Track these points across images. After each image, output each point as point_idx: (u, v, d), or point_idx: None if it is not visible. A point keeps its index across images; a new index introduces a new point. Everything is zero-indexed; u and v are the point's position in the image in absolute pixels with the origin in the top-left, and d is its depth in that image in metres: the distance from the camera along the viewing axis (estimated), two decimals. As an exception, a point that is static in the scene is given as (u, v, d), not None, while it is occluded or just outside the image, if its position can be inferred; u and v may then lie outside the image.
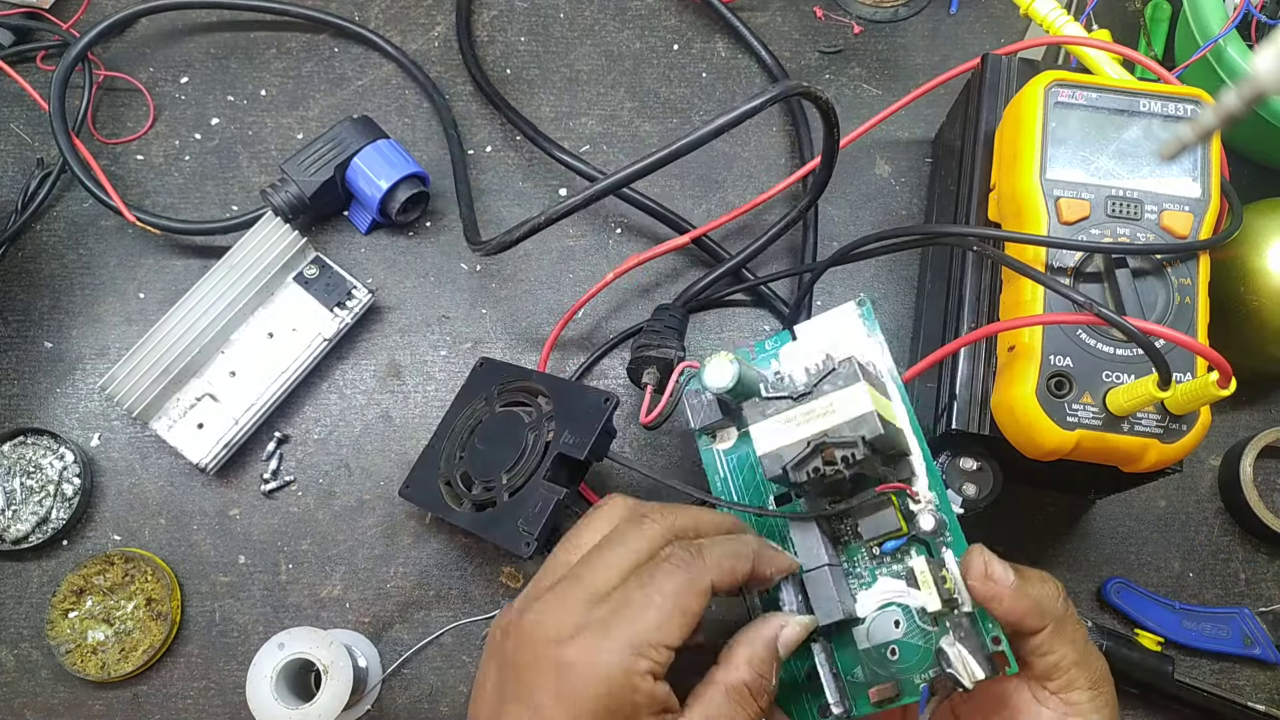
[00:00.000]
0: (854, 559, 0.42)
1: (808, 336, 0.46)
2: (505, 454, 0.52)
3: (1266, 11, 0.55)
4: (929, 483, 0.41)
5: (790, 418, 0.40)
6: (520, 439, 0.52)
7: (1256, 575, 0.58)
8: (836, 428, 0.39)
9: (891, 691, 0.41)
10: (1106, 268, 0.45)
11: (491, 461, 0.53)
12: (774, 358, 0.46)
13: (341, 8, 0.65)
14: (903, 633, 0.41)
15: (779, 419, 0.40)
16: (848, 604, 0.41)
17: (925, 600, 0.40)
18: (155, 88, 0.64)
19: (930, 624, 0.40)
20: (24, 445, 0.57)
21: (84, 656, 0.55)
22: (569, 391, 0.53)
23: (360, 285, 0.59)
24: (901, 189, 0.63)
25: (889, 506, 0.41)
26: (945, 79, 0.55)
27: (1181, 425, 0.44)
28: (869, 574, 0.42)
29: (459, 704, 0.56)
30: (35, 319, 0.60)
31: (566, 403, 0.52)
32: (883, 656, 0.41)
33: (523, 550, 0.49)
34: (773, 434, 0.40)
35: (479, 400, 0.56)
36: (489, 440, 0.54)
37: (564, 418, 0.51)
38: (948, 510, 0.41)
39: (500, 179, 0.63)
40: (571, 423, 0.51)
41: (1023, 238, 0.46)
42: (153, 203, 0.62)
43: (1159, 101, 0.48)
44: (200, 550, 0.57)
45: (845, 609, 0.40)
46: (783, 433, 0.40)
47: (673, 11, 0.66)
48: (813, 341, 0.46)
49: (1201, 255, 0.46)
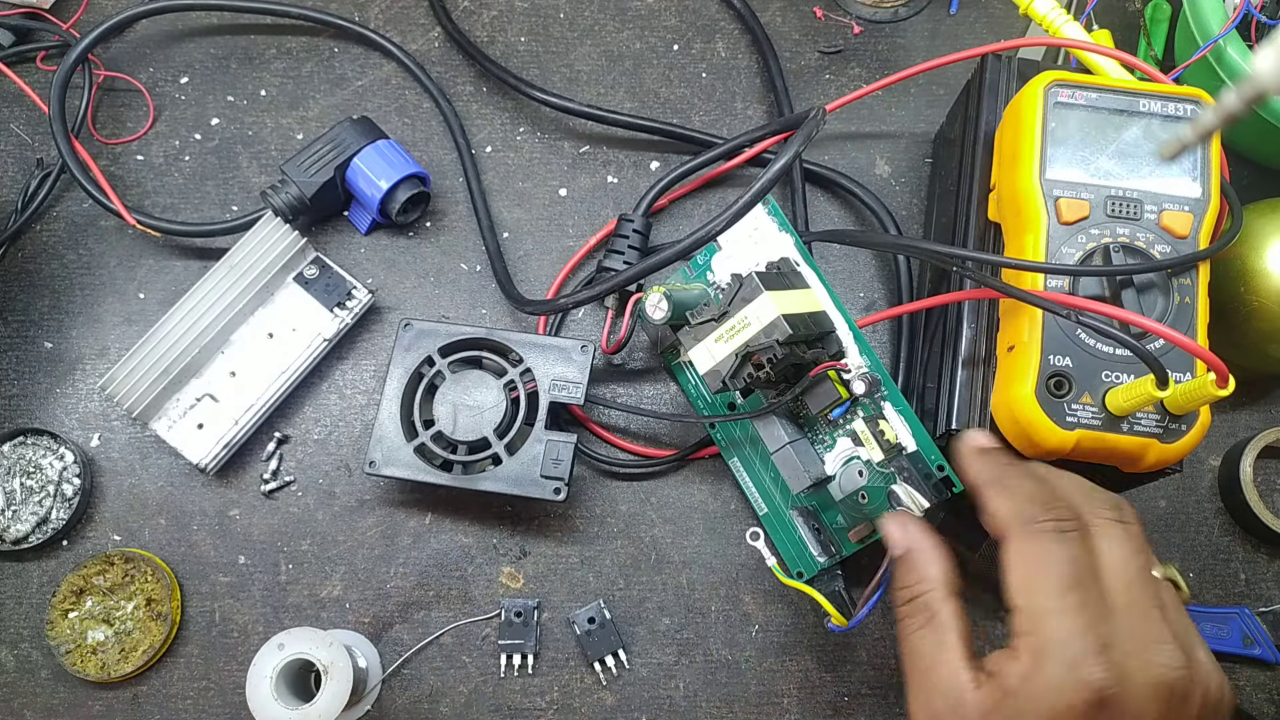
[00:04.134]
0: (815, 429, 0.51)
1: (730, 242, 0.53)
2: (485, 413, 0.54)
3: (1266, 12, 0.55)
4: (858, 349, 0.49)
5: (718, 336, 0.47)
6: (496, 397, 0.54)
7: (1256, 575, 0.58)
8: (754, 338, 0.46)
9: (867, 530, 0.51)
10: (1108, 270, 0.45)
11: (470, 422, 0.54)
12: (708, 269, 0.54)
13: (341, 8, 0.65)
14: (867, 479, 0.48)
15: (709, 340, 0.47)
16: (814, 469, 0.50)
17: (870, 454, 0.49)
18: (155, 88, 0.64)
19: (886, 468, 0.48)
20: (24, 445, 0.58)
21: (84, 657, 0.55)
22: (541, 345, 0.55)
23: (360, 285, 0.59)
24: (901, 189, 0.63)
25: (827, 380, 0.48)
26: (936, 64, 0.55)
27: (1181, 425, 0.44)
28: (830, 438, 0.51)
29: (459, 704, 0.56)
30: (35, 319, 0.60)
31: (543, 355, 0.55)
32: (855, 502, 0.49)
33: (554, 495, 0.53)
34: (706, 354, 0.47)
35: (422, 365, 0.56)
36: (456, 403, 0.54)
37: (546, 369, 0.55)
38: (878, 368, 0.49)
39: (500, 179, 0.63)
40: (557, 373, 0.55)
41: (1018, 264, 0.46)
42: (153, 203, 0.62)
43: (1159, 102, 0.48)
44: (200, 550, 0.57)
45: (812, 474, 0.49)
46: (714, 350, 0.47)
47: (673, 11, 0.66)
48: (736, 244, 0.53)
49: (1201, 256, 0.46)
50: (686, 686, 0.56)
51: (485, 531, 0.58)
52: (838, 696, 0.56)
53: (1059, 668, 0.33)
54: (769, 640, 0.57)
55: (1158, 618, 0.35)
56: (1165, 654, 0.34)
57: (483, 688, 0.56)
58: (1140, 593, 0.35)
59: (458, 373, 0.55)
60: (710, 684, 0.56)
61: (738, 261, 0.52)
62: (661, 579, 0.57)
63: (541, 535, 0.58)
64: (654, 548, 0.58)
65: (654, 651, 0.56)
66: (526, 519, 0.58)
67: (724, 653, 0.56)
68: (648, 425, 0.59)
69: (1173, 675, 0.34)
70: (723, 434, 0.56)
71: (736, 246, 0.53)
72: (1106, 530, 0.36)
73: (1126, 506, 0.38)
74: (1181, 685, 0.34)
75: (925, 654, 0.37)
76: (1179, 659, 0.34)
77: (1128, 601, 0.35)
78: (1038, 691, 0.34)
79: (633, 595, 0.57)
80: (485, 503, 0.58)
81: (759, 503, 0.55)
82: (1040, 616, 0.34)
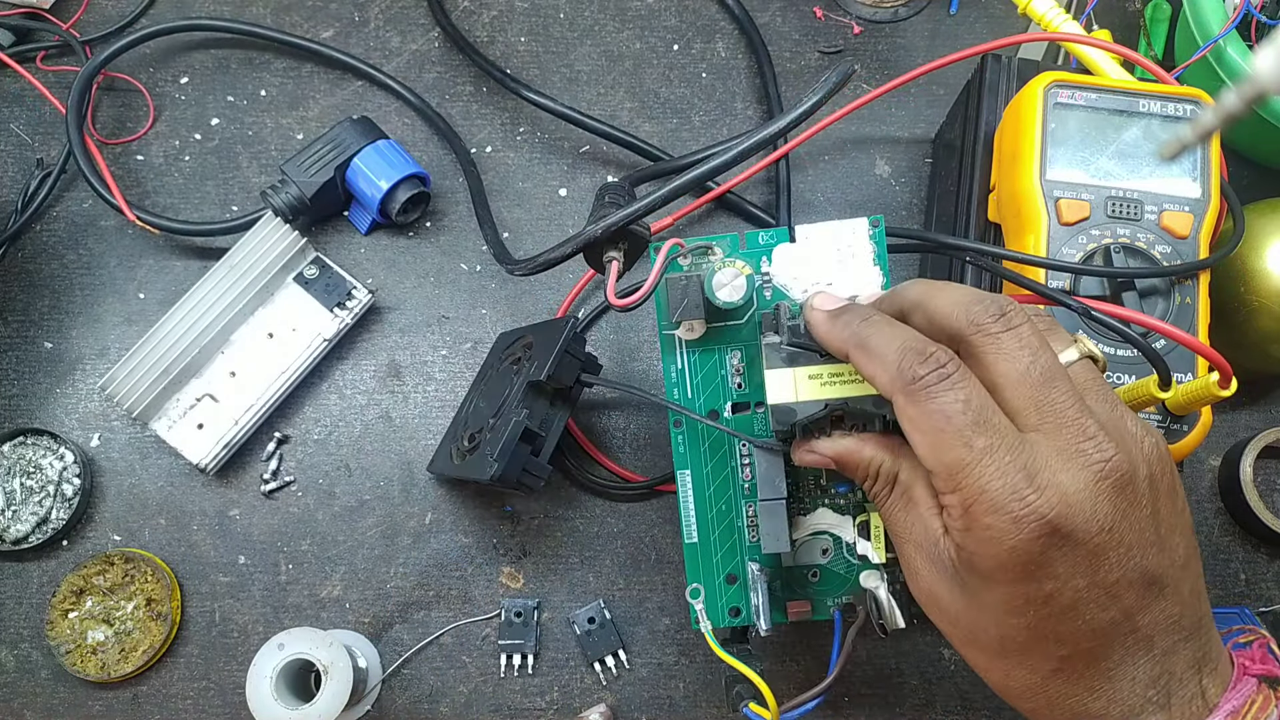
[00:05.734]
0: (800, 485, 0.44)
1: (807, 242, 0.43)
2: (495, 402, 0.53)
3: (1266, 12, 0.55)
4: None
5: (816, 374, 0.38)
6: (507, 385, 0.52)
7: (1256, 575, 0.58)
8: (859, 400, 0.37)
9: (807, 610, 0.45)
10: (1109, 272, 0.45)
11: (484, 412, 0.53)
12: (765, 255, 0.44)
13: (341, 8, 0.65)
14: (828, 560, 0.44)
15: (801, 373, 0.38)
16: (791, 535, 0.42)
17: (871, 553, 0.42)
18: (155, 88, 0.64)
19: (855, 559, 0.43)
20: (24, 445, 0.57)
21: (84, 657, 0.55)
22: (545, 328, 0.53)
23: (360, 285, 0.59)
24: (901, 189, 0.63)
25: None
26: (936, 66, 0.55)
27: (1182, 425, 0.44)
28: (811, 502, 0.44)
29: (459, 704, 0.56)
30: (35, 319, 0.60)
31: (543, 339, 0.52)
32: (804, 578, 0.45)
33: (484, 473, 0.47)
34: (791, 387, 0.38)
35: (489, 369, 0.57)
36: (488, 397, 0.54)
37: (540, 351, 0.51)
38: None
39: (501, 179, 0.63)
40: (542, 353, 0.51)
41: (1026, 258, 0.46)
42: (153, 203, 0.62)
43: (1159, 102, 0.48)
44: (200, 550, 0.57)
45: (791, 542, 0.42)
46: (803, 388, 0.38)
47: (673, 11, 0.66)
48: (811, 248, 0.43)
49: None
50: (686, 687, 0.56)
51: (485, 531, 0.58)
52: (838, 696, 0.56)
53: (991, 516, 0.32)
54: (769, 641, 0.56)
55: (1075, 414, 0.32)
56: (1095, 449, 0.32)
57: (483, 688, 0.56)
58: (1050, 396, 0.33)
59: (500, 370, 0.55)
60: (710, 684, 0.56)
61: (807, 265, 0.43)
62: (661, 579, 0.57)
63: (541, 535, 0.58)
64: (654, 548, 0.58)
65: (654, 651, 0.56)
66: (526, 519, 0.58)
67: (724, 653, 0.56)
68: (647, 427, 0.59)
69: (1110, 467, 0.32)
70: (686, 440, 0.45)
71: (814, 247, 0.43)
72: (994, 346, 0.33)
73: (1012, 308, 0.34)
74: (1121, 471, 0.32)
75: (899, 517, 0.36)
76: (1109, 449, 0.32)
77: (1039, 413, 0.33)
78: (982, 545, 0.32)
79: (633, 595, 0.57)
80: (485, 503, 0.58)
81: (691, 529, 0.45)
82: (953, 473, 0.32)
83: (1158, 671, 0.33)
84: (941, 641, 0.57)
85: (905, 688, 0.56)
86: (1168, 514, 0.33)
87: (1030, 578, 0.32)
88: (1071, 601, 0.32)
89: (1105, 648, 0.33)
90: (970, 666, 0.36)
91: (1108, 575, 0.32)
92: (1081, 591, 0.32)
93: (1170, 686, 0.33)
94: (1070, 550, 0.31)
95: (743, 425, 0.44)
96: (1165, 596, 0.33)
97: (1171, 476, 0.34)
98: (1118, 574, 0.32)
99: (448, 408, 0.59)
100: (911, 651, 0.57)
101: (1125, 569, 0.32)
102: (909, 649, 0.57)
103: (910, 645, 0.57)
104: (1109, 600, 0.32)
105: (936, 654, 0.57)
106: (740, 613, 0.45)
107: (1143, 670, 0.33)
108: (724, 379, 0.44)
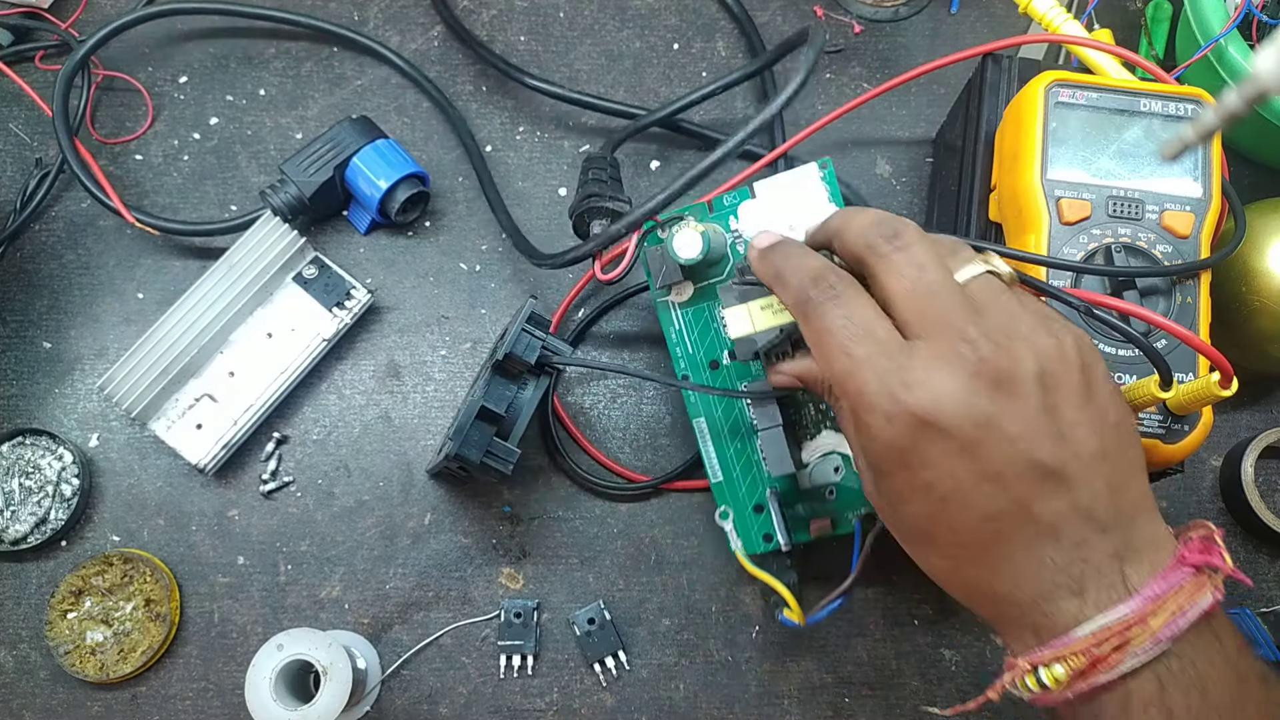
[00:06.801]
0: (801, 413, 0.49)
1: (766, 194, 0.48)
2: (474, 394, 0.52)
3: (1267, 11, 0.55)
4: None
5: (766, 304, 0.42)
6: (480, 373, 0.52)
7: (1257, 575, 0.58)
8: None
9: (828, 526, 0.49)
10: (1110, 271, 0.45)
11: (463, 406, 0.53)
12: (732, 214, 0.49)
13: (341, 7, 0.65)
14: (840, 477, 0.47)
15: (754, 305, 0.42)
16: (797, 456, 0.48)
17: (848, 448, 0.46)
18: (154, 87, 0.64)
19: None
20: (22, 446, 0.57)
21: (83, 657, 0.54)
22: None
23: (359, 285, 0.59)
24: (902, 189, 0.63)
25: None
26: (936, 66, 0.55)
27: (1183, 426, 0.44)
28: (814, 427, 0.49)
29: (458, 705, 0.56)
30: (34, 319, 0.60)
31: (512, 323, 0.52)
32: (821, 496, 0.49)
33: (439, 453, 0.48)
34: (745, 319, 0.42)
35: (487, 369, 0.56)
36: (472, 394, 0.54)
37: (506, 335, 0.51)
38: None
39: (500, 179, 0.63)
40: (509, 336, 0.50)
41: (1027, 257, 0.46)
42: (151, 202, 0.62)
43: (1160, 101, 0.48)
44: (199, 551, 0.57)
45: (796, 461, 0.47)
46: (756, 318, 0.42)
47: (673, 11, 0.66)
48: (771, 199, 0.48)
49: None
50: (686, 688, 0.56)
51: (485, 532, 0.58)
52: (838, 697, 0.56)
53: (869, 415, 0.34)
54: (769, 641, 0.56)
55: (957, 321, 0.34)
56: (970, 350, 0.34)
57: (482, 689, 0.56)
58: (934, 305, 0.35)
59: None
60: (710, 685, 0.56)
61: (769, 216, 0.47)
62: (661, 579, 0.57)
63: (541, 535, 0.58)
64: (654, 548, 0.58)
65: (654, 652, 0.56)
66: (526, 519, 0.58)
67: (724, 654, 0.56)
68: (647, 427, 0.59)
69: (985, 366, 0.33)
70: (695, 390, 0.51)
71: (773, 198, 0.48)
72: (885, 266, 0.36)
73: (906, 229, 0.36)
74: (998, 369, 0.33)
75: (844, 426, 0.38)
76: (985, 348, 0.33)
77: (921, 322, 0.35)
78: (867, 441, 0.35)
79: (633, 596, 0.57)
80: (485, 503, 0.58)
81: (715, 469, 0.51)
82: (840, 380, 0.35)
83: (1067, 559, 0.34)
84: (942, 641, 0.57)
85: (905, 688, 0.56)
86: (1070, 409, 0.34)
87: (907, 466, 0.34)
88: (953, 489, 0.34)
89: (1003, 534, 0.34)
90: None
91: (988, 465, 0.33)
92: (963, 480, 0.34)
93: (1084, 574, 0.34)
94: (943, 442, 0.33)
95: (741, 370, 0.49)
96: (1071, 488, 0.34)
97: (1080, 374, 0.35)
98: (999, 465, 0.33)
99: (447, 408, 0.59)
100: (912, 651, 0.57)
101: (1009, 460, 0.33)
102: (909, 649, 0.57)
103: (910, 645, 0.57)
104: (996, 490, 0.34)
105: (937, 654, 0.57)
106: (771, 538, 0.49)
107: (1050, 557, 0.34)
108: (717, 331, 0.49)
